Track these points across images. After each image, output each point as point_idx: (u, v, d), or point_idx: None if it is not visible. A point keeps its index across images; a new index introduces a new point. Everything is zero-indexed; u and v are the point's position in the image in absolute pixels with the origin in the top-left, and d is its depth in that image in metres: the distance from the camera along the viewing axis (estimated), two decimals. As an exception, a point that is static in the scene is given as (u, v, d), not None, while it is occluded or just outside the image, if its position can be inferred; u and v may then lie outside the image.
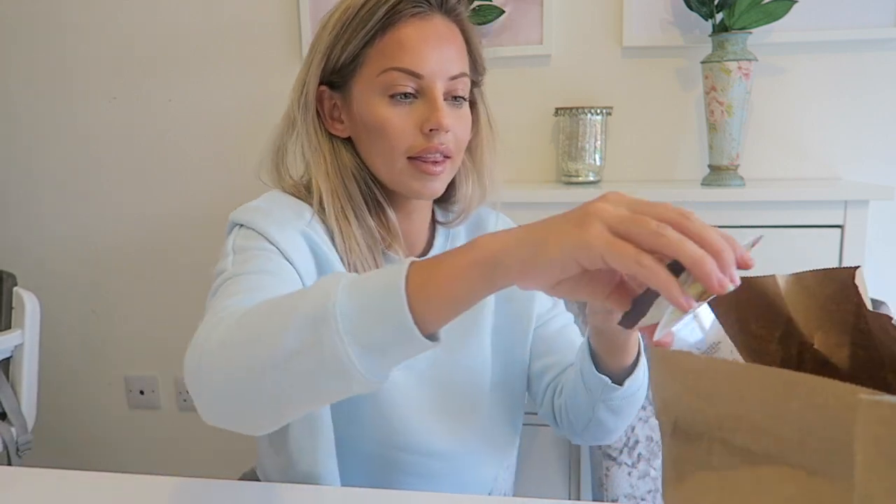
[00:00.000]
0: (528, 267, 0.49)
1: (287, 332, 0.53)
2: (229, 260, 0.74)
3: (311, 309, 0.53)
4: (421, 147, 0.80)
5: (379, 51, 0.80)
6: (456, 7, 0.84)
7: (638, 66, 1.60)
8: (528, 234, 0.50)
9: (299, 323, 0.53)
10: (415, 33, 0.80)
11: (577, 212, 0.49)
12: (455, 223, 0.94)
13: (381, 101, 0.81)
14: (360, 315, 0.52)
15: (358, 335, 0.51)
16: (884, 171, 1.54)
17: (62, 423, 2.04)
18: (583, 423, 0.90)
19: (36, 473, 0.84)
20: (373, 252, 0.84)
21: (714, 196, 1.37)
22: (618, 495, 1.15)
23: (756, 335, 0.54)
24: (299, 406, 0.57)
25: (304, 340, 0.52)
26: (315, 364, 0.52)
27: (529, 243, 0.50)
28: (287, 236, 0.77)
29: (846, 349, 0.51)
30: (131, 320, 1.95)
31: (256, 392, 0.55)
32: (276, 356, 0.53)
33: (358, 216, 0.84)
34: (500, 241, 0.51)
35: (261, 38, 1.75)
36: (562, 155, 1.56)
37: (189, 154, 1.86)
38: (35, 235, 1.98)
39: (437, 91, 0.80)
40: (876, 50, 1.50)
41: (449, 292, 0.51)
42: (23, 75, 1.92)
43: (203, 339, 0.59)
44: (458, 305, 0.52)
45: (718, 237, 0.46)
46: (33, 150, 1.95)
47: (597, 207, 0.48)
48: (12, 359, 1.51)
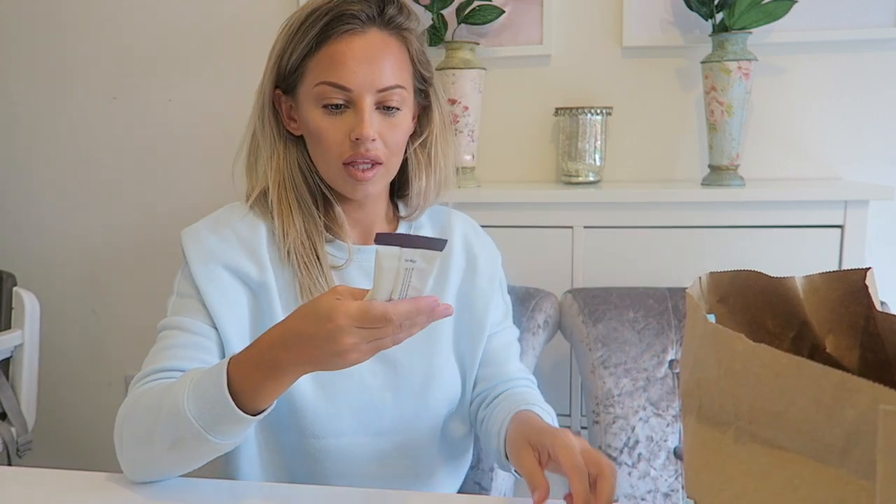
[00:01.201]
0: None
1: (161, 430, 0.75)
2: (172, 301, 0.91)
3: (169, 413, 0.74)
4: (350, 154, 0.88)
5: (316, 64, 0.88)
6: (394, 19, 0.89)
7: (638, 66, 1.60)
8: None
9: (165, 422, 0.74)
10: (346, 49, 0.86)
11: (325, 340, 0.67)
12: (415, 216, 1.01)
13: (316, 111, 0.88)
14: (205, 415, 0.72)
15: (208, 427, 0.72)
16: (884, 171, 1.54)
17: (62, 423, 2.04)
18: (489, 451, 0.95)
19: (36, 473, 0.84)
20: (313, 239, 0.91)
21: (714, 196, 1.37)
22: (618, 495, 1.15)
23: (771, 332, 0.54)
24: (187, 467, 0.79)
25: (173, 435, 0.74)
26: (186, 446, 0.74)
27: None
28: (208, 274, 0.89)
29: (856, 352, 0.51)
30: (131, 320, 1.95)
31: (157, 469, 0.79)
32: (156, 444, 0.76)
33: (302, 206, 0.92)
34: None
35: (261, 39, 1.74)
36: (562, 155, 1.56)
37: (189, 154, 1.86)
38: (35, 235, 1.98)
39: (364, 103, 0.86)
40: (876, 50, 1.50)
41: (262, 393, 0.72)
42: (23, 75, 1.92)
43: (117, 426, 0.80)
44: (271, 398, 0.73)
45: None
46: (33, 150, 1.95)
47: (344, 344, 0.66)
48: (12, 359, 1.51)
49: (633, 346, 1.21)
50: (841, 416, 0.33)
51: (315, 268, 0.90)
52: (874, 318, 0.50)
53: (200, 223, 0.94)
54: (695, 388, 0.43)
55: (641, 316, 1.24)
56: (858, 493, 0.33)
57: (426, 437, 0.96)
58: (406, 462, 0.95)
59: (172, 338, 0.87)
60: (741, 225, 1.37)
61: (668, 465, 1.16)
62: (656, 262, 1.40)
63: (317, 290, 0.89)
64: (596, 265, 1.43)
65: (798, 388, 0.35)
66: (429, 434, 0.96)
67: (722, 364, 0.40)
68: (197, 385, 0.74)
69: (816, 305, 0.52)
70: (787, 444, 0.36)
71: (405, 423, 0.94)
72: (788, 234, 1.35)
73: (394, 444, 0.93)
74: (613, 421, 1.18)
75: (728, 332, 0.40)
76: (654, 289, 1.29)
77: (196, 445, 0.74)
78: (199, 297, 0.88)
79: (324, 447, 0.90)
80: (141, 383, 0.83)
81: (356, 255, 0.95)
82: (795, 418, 0.36)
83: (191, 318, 0.88)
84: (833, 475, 0.35)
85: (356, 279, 0.94)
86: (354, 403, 0.90)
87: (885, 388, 0.32)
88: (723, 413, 0.41)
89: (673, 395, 1.19)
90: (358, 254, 0.95)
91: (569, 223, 1.43)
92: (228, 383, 0.71)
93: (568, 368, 1.45)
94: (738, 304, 0.54)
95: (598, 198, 1.44)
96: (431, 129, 0.97)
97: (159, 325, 0.90)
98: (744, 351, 0.39)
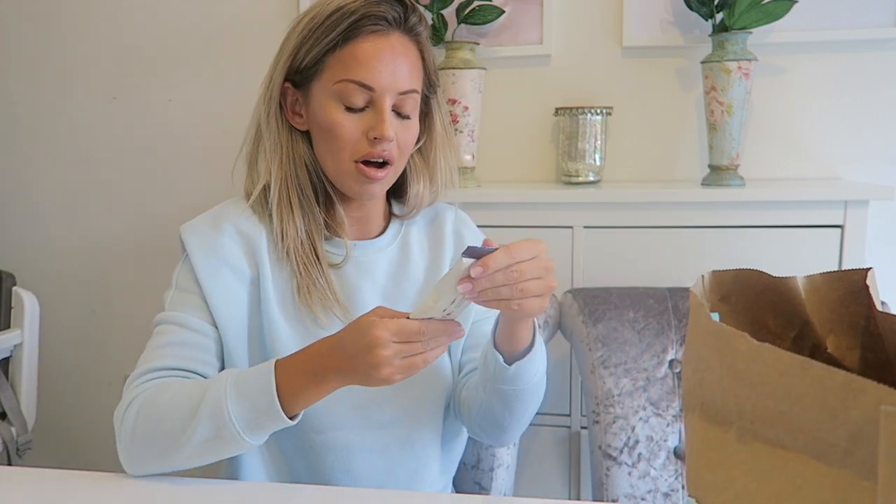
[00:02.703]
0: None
1: (193, 429, 0.77)
2: (170, 295, 0.91)
3: (209, 413, 0.77)
4: (365, 152, 0.88)
5: (338, 60, 0.87)
6: (415, 27, 0.90)
7: (638, 66, 1.60)
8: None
9: (203, 422, 0.77)
10: (371, 48, 0.87)
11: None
12: (408, 217, 1.02)
13: (335, 107, 0.88)
14: (248, 417, 0.77)
15: (247, 429, 0.77)
16: (884, 171, 1.54)
17: (62, 423, 2.04)
18: (476, 407, 0.94)
19: (36, 473, 0.84)
20: (312, 238, 0.91)
21: (714, 196, 1.37)
22: (618, 495, 1.15)
23: (772, 331, 0.54)
24: (201, 463, 0.81)
25: (207, 435, 0.77)
26: (215, 446, 0.78)
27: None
28: (211, 270, 0.89)
29: (856, 352, 0.51)
30: (131, 320, 1.95)
31: (169, 464, 0.81)
32: (182, 443, 0.78)
33: (303, 204, 0.92)
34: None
35: (261, 38, 1.75)
36: (562, 155, 1.56)
37: (189, 154, 1.86)
38: (35, 235, 1.98)
39: (385, 104, 0.87)
40: (876, 50, 1.50)
41: (302, 398, 0.77)
42: (23, 75, 1.92)
43: (126, 419, 0.81)
44: (307, 403, 0.78)
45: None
46: (34, 150, 1.95)
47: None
48: (12, 359, 1.51)
49: (633, 346, 1.21)
50: (845, 416, 0.33)
51: (314, 267, 0.91)
52: (875, 318, 0.50)
53: (200, 218, 0.94)
54: (697, 386, 0.43)
55: (641, 316, 1.24)
56: (861, 494, 0.33)
57: (426, 427, 0.96)
58: (406, 453, 0.95)
59: (171, 334, 0.87)
60: (741, 225, 1.37)
61: (668, 464, 1.16)
62: (656, 262, 1.40)
63: (315, 290, 0.90)
64: (596, 265, 1.43)
65: (802, 387, 0.35)
66: (428, 424, 0.97)
67: (725, 363, 0.40)
68: (239, 386, 0.77)
69: (817, 305, 0.52)
70: (790, 444, 0.36)
71: (406, 414, 0.94)
72: (788, 234, 1.35)
73: (395, 437, 0.94)
74: (613, 421, 1.18)
75: (732, 330, 0.40)
76: (654, 289, 1.29)
77: (226, 444, 0.77)
78: (201, 293, 0.88)
79: (324, 441, 0.90)
80: (141, 380, 0.84)
81: (353, 252, 0.95)
82: (799, 418, 0.36)
83: (191, 315, 0.88)
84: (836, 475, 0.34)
85: (353, 275, 0.94)
86: (355, 399, 0.90)
87: (889, 389, 0.31)
88: (725, 412, 0.40)
89: (673, 395, 1.19)
90: (355, 250, 0.95)
91: (569, 223, 1.43)
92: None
93: (568, 368, 1.45)
94: (740, 302, 0.53)
95: (598, 198, 1.44)
96: (432, 136, 0.98)
97: (156, 318, 0.90)
98: (747, 350, 0.39)
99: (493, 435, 0.97)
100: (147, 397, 0.81)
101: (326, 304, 0.90)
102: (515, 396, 0.89)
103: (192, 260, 0.89)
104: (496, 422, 0.93)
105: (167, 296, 0.91)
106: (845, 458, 0.34)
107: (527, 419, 0.95)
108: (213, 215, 0.94)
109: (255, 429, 0.77)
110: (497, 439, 0.99)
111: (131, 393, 0.83)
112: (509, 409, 0.91)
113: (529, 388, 0.89)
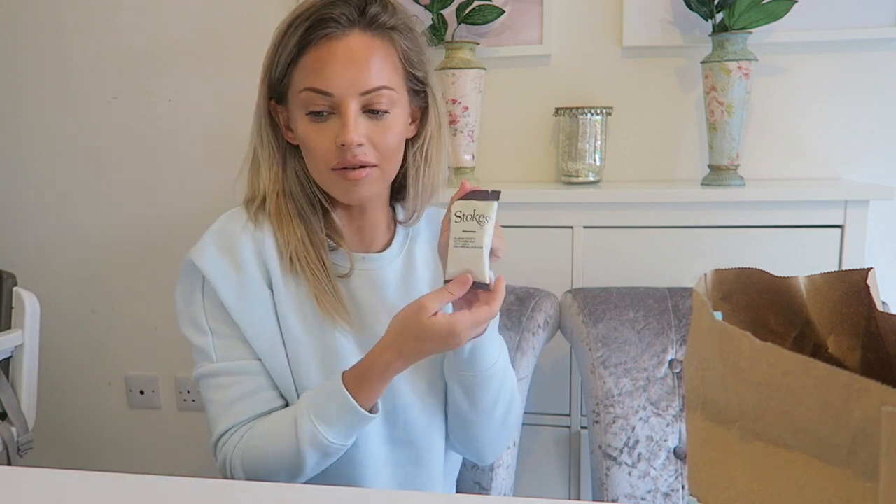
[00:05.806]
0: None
1: (303, 460, 0.86)
2: (210, 342, 0.90)
3: (310, 444, 0.85)
4: (337, 160, 0.87)
5: (300, 70, 0.87)
6: (377, 18, 0.86)
7: (638, 66, 1.60)
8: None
9: (307, 453, 0.85)
10: (326, 53, 0.85)
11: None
12: (412, 221, 0.99)
13: (303, 118, 0.87)
14: (343, 432, 0.85)
15: (346, 438, 0.86)
16: (884, 171, 1.54)
17: (62, 423, 2.04)
18: (448, 413, 0.97)
19: (36, 473, 0.84)
20: (315, 247, 0.91)
21: (714, 196, 1.37)
22: (618, 495, 1.15)
23: (773, 331, 0.54)
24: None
25: (317, 459, 0.86)
26: (327, 460, 0.87)
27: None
28: (243, 306, 0.89)
29: (857, 352, 0.51)
30: (131, 320, 1.95)
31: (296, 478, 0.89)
32: (297, 473, 0.87)
33: (302, 214, 0.92)
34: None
35: (261, 38, 1.74)
36: (562, 155, 1.56)
37: (189, 154, 1.86)
38: (35, 235, 1.98)
39: (348, 107, 0.85)
40: (876, 50, 1.50)
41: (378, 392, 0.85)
42: (23, 75, 1.92)
43: (229, 467, 0.89)
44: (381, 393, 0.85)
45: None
46: (33, 150, 1.95)
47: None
48: (12, 359, 1.51)
49: (633, 345, 1.21)
50: (848, 416, 0.33)
51: (322, 274, 0.90)
52: (875, 318, 0.50)
53: (207, 241, 0.91)
54: (699, 384, 0.43)
55: (641, 316, 1.24)
56: (864, 494, 0.33)
57: (436, 442, 0.97)
58: (418, 470, 0.96)
59: (234, 386, 0.90)
60: (741, 225, 1.37)
61: (669, 464, 1.16)
62: (656, 262, 1.40)
63: (327, 299, 0.90)
64: (596, 265, 1.43)
65: (805, 387, 0.35)
66: (439, 435, 0.98)
67: (727, 362, 0.40)
68: (321, 414, 0.84)
69: (819, 305, 0.52)
70: (793, 444, 0.36)
71: (421, 432, 0.95)
72: (788, 234, 1.35)
73: (407, 455, 0.95)
74: (613, 421, 1.18)
75: (735, 330, 0.40)
76: (654, 289, 1.29)
77: (336, 455, 0.87)
78: (240, 334, 0.90)
79: (348, 455, 0.91)
80: (226, 438, 0.90)
81: (358, 264, 0.94)
82: (802, 418, 0.36)
83: (242, 360, 0.90)
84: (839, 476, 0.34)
85: (361, 288, 0.94)
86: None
87: (892, 390, 0.31)
88: (727, 410, 0.40)
89: (673, 394, 1.19)
90: (360, 262, 0.94)
91: (569, 223, 1.43)
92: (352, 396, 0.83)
93: (568, 368, 1.45)
94: (741, 301, 0.53)
95: (598, 198, 1.44)
96: (428, 131, 0.95)
97: (206, 370, 0.91)
98: (750, 350, 0.39)
99: (465, 442, 0.98)
100: (244, 447, 0.88)
101: (337, 310, 0.90)
102: (477, 386, 0.91)
103: (219, 296, 0.88)
104: (464, 423, 0.94)
105: (207, 342, 0.90)
106: (847, 458, 0.34)
107: (497, 429, 0.96)
108: (219, 235, 0.91)
109: (352, 436, 0.86)
110: (474, 452, 1.00)
111: (224, 452, 0.89)
112: (473, 403, 0.92)
113: (490, 378, 0.90)
